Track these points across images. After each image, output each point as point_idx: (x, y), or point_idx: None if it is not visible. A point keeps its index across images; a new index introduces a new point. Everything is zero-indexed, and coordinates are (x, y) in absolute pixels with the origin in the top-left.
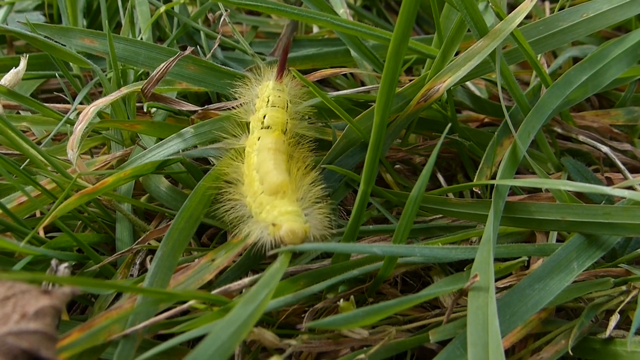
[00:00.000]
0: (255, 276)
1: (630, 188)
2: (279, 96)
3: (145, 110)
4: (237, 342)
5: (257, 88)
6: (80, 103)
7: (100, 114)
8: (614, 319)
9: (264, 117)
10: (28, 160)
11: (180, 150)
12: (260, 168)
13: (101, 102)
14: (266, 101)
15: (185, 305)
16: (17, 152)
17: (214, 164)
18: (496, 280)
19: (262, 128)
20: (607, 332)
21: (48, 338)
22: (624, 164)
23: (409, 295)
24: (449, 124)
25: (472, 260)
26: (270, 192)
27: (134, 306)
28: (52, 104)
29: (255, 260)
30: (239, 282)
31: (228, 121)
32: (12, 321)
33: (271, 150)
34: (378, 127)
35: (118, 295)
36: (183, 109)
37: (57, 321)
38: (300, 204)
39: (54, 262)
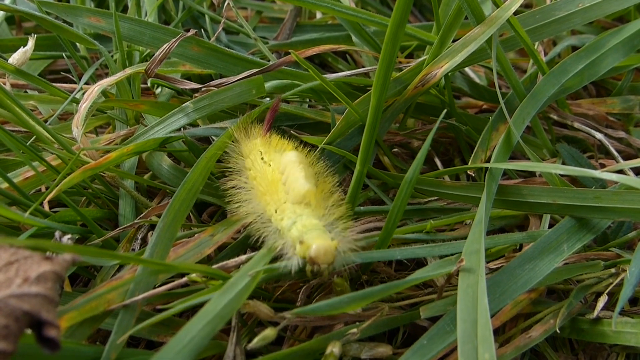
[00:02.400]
0: (253, 254)
1: (621, 172)
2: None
3: (149, 85)
4: (233, 311)
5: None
6: (86, 83)
7: (105, 93)
8: (602, 300)
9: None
10: (34, 137)
11: (182, 128)
12: (289, 177)
13: (106, 82)
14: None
15: (184, 279)
16: (24, 130)
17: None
18: (488, 262)
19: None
20: (595, 313)
21: (49, 301)
22: (618, 151)
23: (401, 280)
24: (446, 109)
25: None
26: (294, 201)
27: (134, 276)
28: (59, 84)
29: None
30: (237, 258)
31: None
32: (15, 285)
33: (297, 162)
34: (375, 108)
35: (120, 269)
36: (186, 87)
37: (58, 286)
38: (324, 219)
39: (57, 233)
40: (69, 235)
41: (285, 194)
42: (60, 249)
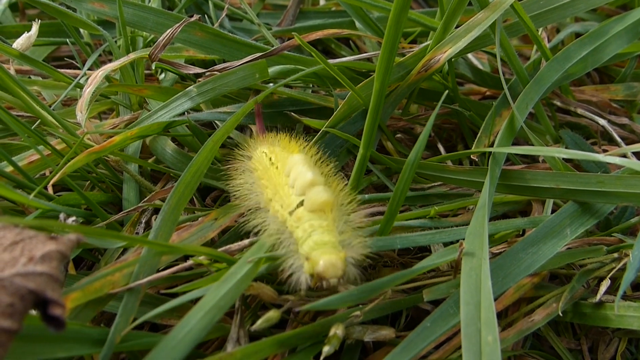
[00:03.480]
0: (255, 238)
1: (624, 156)
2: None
3: (152, 71)
4: (235, 297)
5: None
6: (90, 69)
7: (109, 79)
8: (605, 284)
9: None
10: (39, 121)
11: (186, 113)
12: (298, 178)
13: (110, 67)
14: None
15: (188, 262)
16: (28, 115)
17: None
18: (491, 247)
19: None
20: (598, 297)
21: (54, 280)
22: (621, 137)
23: (407, 270)
24: (447, 91)
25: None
26: (311, 209)
27: (139, 257)
28: (63, 70)
29: None
30: (240, 243)
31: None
32: (20, 264)
33: (308, 164)
34: (378, 92)
35: (124, 253)
36: (189, 72)
37: (63, 266)
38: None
39: (62, 215)
40: (74, 218)
41: (295, 196)
42: (65, 229)
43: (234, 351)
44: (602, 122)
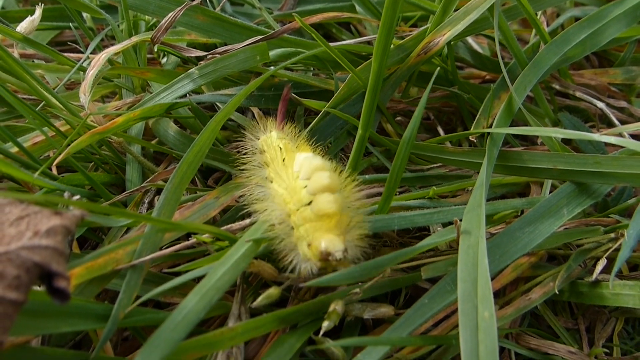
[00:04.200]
0: (256, 218)
1: (620, 136)
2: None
3: (154, 55)
4: (238, 273)
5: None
6: (93, 53)
7: (112, 62)
8: (601, 263)
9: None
10: (43, 103)
11: (188, 94)
12: (313, 184)
13: (113, 49)
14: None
15: (190, 241)
16: (32, 97)
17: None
18: (489, 228)
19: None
20: (594, 276)
21: (59, 254)
22: (620, 121)
23: (408, 248)
24: (438, 68)
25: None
26: (317, 216)
27: (142, 234)
28: (66, 53)
29: None
30: (241, 222)
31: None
32: (26, 237)
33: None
34: (376, 72)
35: (127, 233)
36: (191, 55)
37: (68, 241)
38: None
39: (66, 194)
40: (78, 196)
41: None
42: (69, 204)
43: (235, 326)
44: (600, 105)
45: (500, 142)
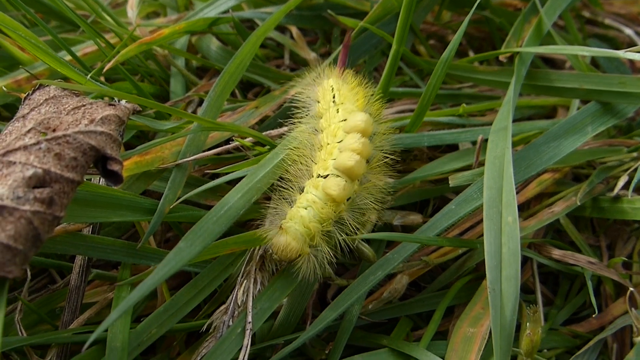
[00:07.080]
0: (292, 126)
1: None
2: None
3: None
4: (274, 177)
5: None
6: None
7: None
8: (623, 179)
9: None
10: (93, 16)
11: (230, 10)
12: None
13: None
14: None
15: (232, 145)
16: (83, 12)
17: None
18: (515, 147)
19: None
20: (615, 191)
21: (113, 140)
22: None
23: (436, 161)
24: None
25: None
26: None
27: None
28: None
29: None
30: (279, 129)
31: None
32: (82, 124)
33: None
34: None
35: None
36: None
37: (120, 131)
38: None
39: (116, 99)
40: (125, 101)
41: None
42: (121, 96)
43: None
44: (628, 31)
45: (528, 61)
